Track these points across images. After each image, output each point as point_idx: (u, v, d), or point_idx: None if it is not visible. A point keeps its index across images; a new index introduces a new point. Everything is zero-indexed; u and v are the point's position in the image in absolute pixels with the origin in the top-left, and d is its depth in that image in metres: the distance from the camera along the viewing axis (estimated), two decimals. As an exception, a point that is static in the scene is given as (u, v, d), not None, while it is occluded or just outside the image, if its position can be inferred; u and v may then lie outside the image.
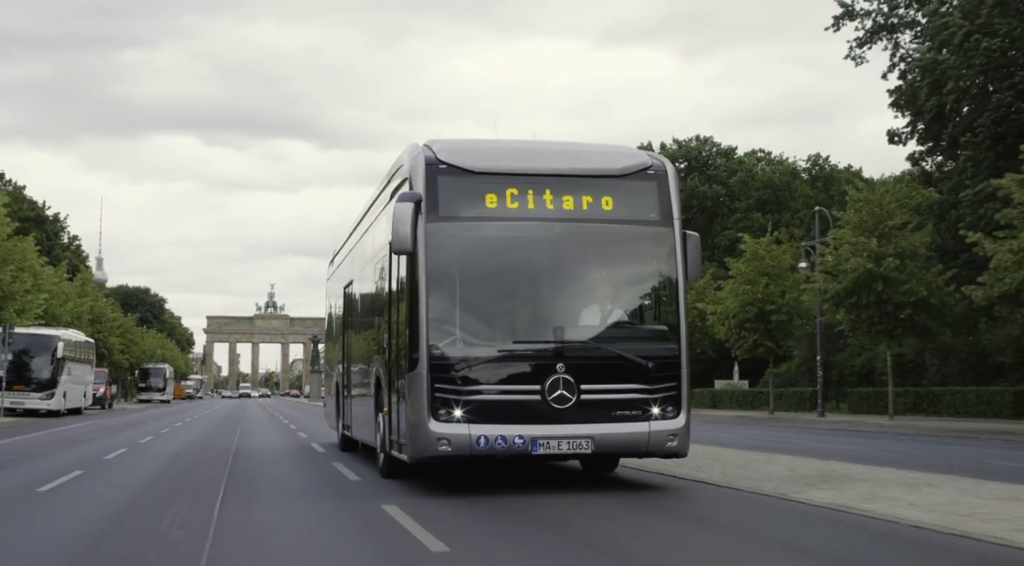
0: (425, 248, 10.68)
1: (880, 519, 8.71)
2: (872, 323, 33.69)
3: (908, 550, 7.61)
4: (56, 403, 38.81)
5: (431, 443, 10.49)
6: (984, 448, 20.98)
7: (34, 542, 8.29)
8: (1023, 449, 20.86)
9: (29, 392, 37.83)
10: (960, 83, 34.96)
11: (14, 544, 8.26)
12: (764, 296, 41.29)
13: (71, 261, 67.58)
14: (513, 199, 11.06)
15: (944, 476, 12.38)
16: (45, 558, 7.62)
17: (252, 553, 7.74)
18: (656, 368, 11.00)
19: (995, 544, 7.49)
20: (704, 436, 20.18)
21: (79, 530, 8.94)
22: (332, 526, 9.07)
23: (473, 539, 8.21)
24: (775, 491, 10.76)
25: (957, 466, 14.70)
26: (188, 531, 8.49)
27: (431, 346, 10.57)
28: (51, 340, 39.19)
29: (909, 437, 25.58)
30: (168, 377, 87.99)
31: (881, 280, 32.63)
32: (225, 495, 11.17)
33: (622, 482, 12.32)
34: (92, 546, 8.05)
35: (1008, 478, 12.29)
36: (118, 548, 7.95)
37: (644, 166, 11.59)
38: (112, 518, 9.68)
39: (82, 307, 54.90)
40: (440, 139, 11.71)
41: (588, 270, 11.72)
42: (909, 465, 14.18)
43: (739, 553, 7.60)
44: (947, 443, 22.85)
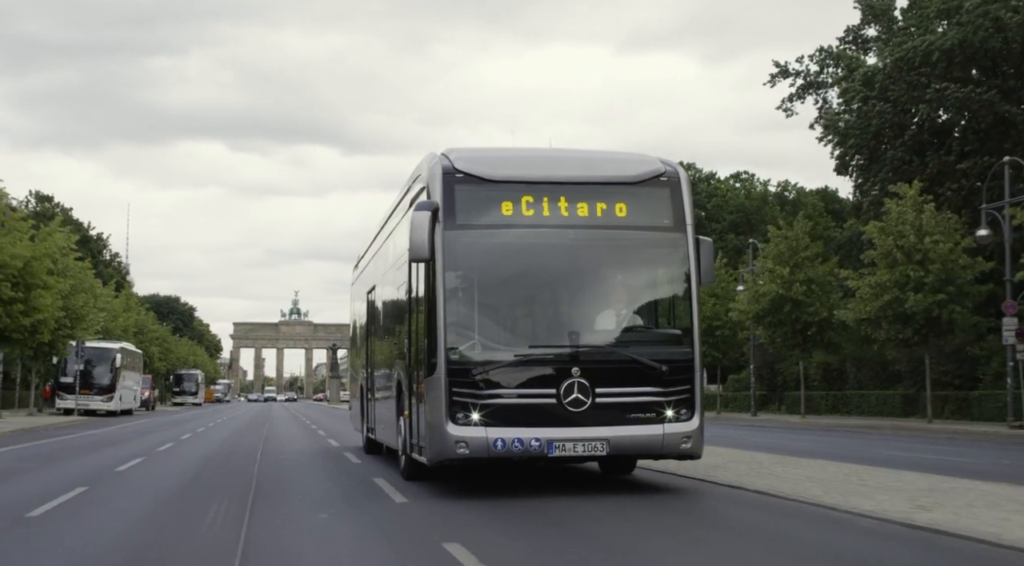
0: (442, 256, 10.92)
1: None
2: (786, 338, 40.98)
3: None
4: (114, 405, 46.48)
5: (449, 446, 10.69)
6: (844, 438, 27.01)
7: (136, 496, 12.14)
8: (864, 439, 27.57)
9: (92, 395, 45.45)
10: (857, 140, 42.17)
11: (123, 504, 11.41)
12: (711, 313, 48.48)
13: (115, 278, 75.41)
14: (529, 207, 11.22)
15: (789, 457, 16.55)
16: (166, 485, 13.32)
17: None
18: (670, 371, 11.15)
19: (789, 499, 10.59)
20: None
21: (153, 498, 11.81)
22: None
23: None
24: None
25: (805, 450, 19.68)
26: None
27: (449, 351, 10.77)
28: (111, 352, 46.91)
29: (801, 431, 32.13)
30: (200, 382, 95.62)
31: (791, 303, 39.91)
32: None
33: (641, 484, 12.66)
34: (170, 498, 11.61)
35: (832, 458, 16.43)
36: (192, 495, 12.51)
37: (657, 173, 11.76)
38: (173, 491, 12.65)
39: (128, 321, 62.69)
40: (457, 148, 11.87)
41: (603, 275, 11.93)
42: (779, 451, 18.47)
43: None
44: (822, 434, 29.20)
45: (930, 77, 39.75)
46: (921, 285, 32.39)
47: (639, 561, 7.52)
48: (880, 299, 33.36)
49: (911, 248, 32.94)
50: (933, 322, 32.72)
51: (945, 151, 41.06)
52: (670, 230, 11.57)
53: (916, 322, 32.83)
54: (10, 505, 10.85)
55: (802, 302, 39.81)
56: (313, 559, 7.83)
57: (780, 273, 40.24)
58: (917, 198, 33.89)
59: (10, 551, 8.24)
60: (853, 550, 7.97)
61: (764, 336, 42.12)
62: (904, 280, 32.70)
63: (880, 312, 33.58)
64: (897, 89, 40.93)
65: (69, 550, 8.29)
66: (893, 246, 33.32)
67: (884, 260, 33.68)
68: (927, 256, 32.55)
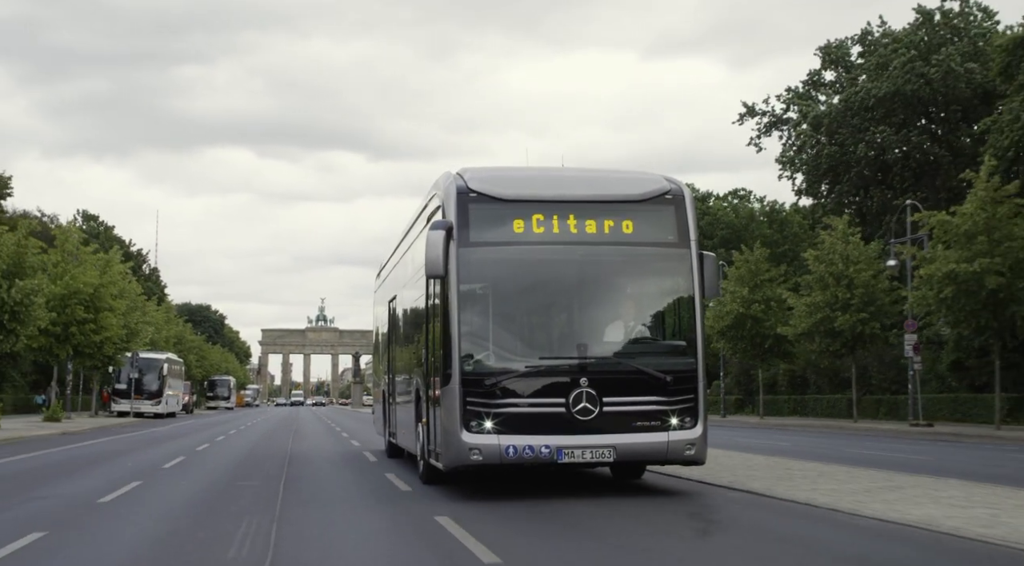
0: (457, 271, 11.38)
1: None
2: (746, 351, 46.99)
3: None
4: (161, 408, 53.01)
5: (463, 452, 11.16)
6: (779, 433, 32.80)
7: (182, 484, 14.94)
8: (795, 435, 33.30)
9: (143, 400, 52.01)
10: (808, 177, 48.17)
11: (170, 493, 13.26)
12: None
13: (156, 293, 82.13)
14: (539, 224, 11.66)
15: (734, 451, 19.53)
16: (208, 478, 19.11)
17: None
18: (674, 381, 11.55)
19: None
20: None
21: (194, 488, 13.82)
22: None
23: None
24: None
25: (749, 445, 23.87)
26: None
27: (463, 362, 11.23)
28: (159, 361, 53.50)
29: (753, 429, 37.72)
30: (232, 387, 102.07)
31: (751, 320, 45.87)
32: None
33: (649, 488, 13.16)
34: (207, 495, 12.75)
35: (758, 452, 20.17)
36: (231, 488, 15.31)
37: (663, 191, 12.14)
38: (211, 484, 14.38)
39: (170, 332, 69.36)
40: (472, 168, 12.42)
41: (610, 290, 12.37)
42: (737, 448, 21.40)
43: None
44: (766, 432, 34.81)
45: (870, 121, 45.67)
46: (847, 305, 38.31)
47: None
48: (814, 317, 39.31)
49: (839, 274, 38.89)
50: (858, 337, 38.65)
51: (886, 186, 46.94)
52: (675, 246, 12.00)
53: (844, 337, 38.75)
54: (86, 493, 13.06)
55: (760, 319, 45.75)
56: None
57: (741, 293, 46.21)
58: (846, 230, 39.85)
59: (94, 527, 10.14)
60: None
61: (727, 349, 48.12)
62: (834, 301, 38.64)
63: (813, 328, 39.55)
64: (843, 132, 46.87)
65: (137, 524, 10.39)
66: (825, 272, 39.28)
67: (818, 283, 39.65)
68: (852, 281, 38.48)
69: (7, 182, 66.70)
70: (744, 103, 54.31)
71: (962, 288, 29.88)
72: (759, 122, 54.01)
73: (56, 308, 36.71)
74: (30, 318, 31.17)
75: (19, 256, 30.99)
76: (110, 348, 41.80)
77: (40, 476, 15.87)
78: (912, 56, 43.60)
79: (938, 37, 44.84)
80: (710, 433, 12.09)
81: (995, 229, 30.16)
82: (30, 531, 9.28)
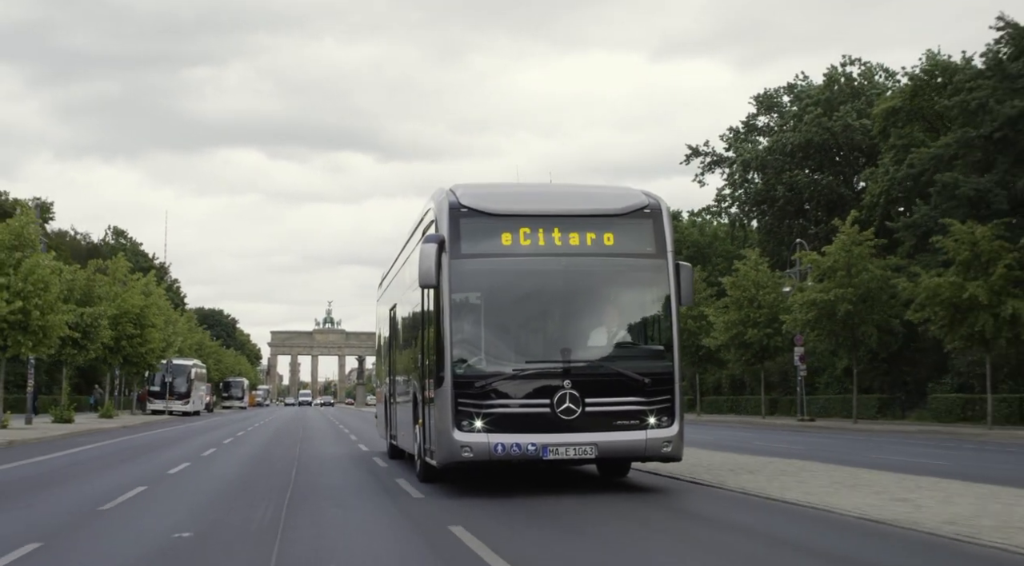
0: (448, 282, 12.17)
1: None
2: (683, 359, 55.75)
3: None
4: (190, 407, 61.74)
5: (456, 450, 11.96)
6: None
7: (211, 475, 18.04)
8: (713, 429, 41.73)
9: (174, 400, 60.75)
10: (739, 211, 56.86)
11: (200, 482, 16.14)
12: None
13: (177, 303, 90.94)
14: (526, 237, 12.43)
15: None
16: (235, 466, 25.94)
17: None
18: (652, 383, 12.27)
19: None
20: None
21: (223, 478, 15.83)
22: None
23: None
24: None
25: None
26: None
27: (454, 366, 12.03)
28: (187, 367, 62.31)
29: (691, 425, 46.20)
30: (245, 388, 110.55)
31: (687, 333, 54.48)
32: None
33: (634, 485, 13.73)
34: (233, 480, 15.72)
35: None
36: (257, 473, 20.38)
37: (642, 205, 12.86)
38: (239, 473, 16.84)
39: (192, 339, 78.18)
40: (463, 184, 13.20)
41: (592, 298, 13.02)
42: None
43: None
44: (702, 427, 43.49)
45: (789, 164, 54.35)
46: (756, 323, 46.88)
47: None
48: (730, 331, 47.91)
49: (752, 297, 47.50)
50: (764, 348, 47.24)
51: (804, 219, 55.57)
52: (653, 257, 12.62)
53: (754, 348, 47.32)
54: (155, 469, 17.42)
55: (695, 332, 54.33)
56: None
57: (682, 311, 54.81)
58: (757, 260, 48.46)
59: (162, 495, 13.08)
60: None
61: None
62: (746, 319, 47.20)
63: (730, 341, 48.16)
64: (768, 172, 55.56)
65: (194, 491, 13.70)
66: (740, 295, 47.87)
67: (734, 304, 48.26)
68: (760, 303, 47.07)
69: (49, 207, 75.77)
70: (688, 145, 62.97)
71: (822, 312, 38.50)
72: (703, 161, 62.64)
73: (111, 326, 45.42)
74: (97, 336, 39.96)
75: (89, 288, 39.76)
76: (152, 357, 50.56)
77: (134, 451, 23.83)
78: (819, 113, 52.26)
79: (841, 95, 53.58)
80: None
81: (852, 266, 38.75)
82: (136, 486, 14.01)
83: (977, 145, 34.96)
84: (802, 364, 43.95)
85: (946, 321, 32.22)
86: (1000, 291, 31.04)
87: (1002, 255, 31.29)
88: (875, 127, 46.33)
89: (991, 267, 31.28)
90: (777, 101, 61.43)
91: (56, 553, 8.79)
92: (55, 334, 31.84)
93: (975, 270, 31.59)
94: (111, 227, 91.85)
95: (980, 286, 30.92)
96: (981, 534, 8.98)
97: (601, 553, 8.58)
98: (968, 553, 8.38)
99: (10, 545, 8.83)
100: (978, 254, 31.59)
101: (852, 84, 54.16)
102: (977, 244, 31.58)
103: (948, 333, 32.62)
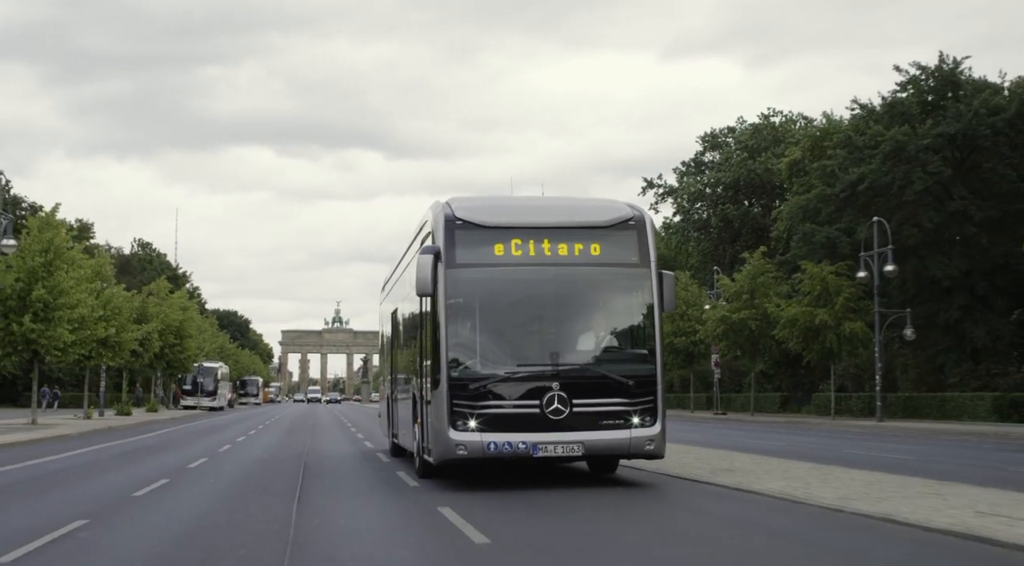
0: (444, 290, 12.92)
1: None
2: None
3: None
4: (216, 404, 72.14)
5: (451, 448, 12.72)
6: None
7: (238, 460, 21.06)
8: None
9: (203, 397, 71.15)
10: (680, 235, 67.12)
11: (225, 466, 19.79)
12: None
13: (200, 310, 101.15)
14: (517, 248, 13.12)
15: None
16: (256, 454, 31.84)
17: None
18: (636, 385, 12.98)
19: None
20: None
21: (247, 461, 19.71)
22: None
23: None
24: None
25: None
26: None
27: (450, 369, 12.77)
28: (215, 369, 72.90)
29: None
30: (259, 386, 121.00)
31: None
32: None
33: (621, 480, 14.68)
34: (254, 467, 18.98)
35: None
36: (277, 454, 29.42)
37: (626, 218, 13.65)
38: (259, 459, 20.48)
39: (215, 343, 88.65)
40: (459, 197, 14.09)
41: (579, 305, 13.86)
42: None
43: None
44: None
45: (722, 198, 64.56)
46: (685, 333, 57.00)
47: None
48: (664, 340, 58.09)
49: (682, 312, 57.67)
50: (691, 354, 57.34)
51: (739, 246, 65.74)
52: (637, 266, 13.40)
53: (682, 354, 57.34)
54: (210, 448, 23.33)
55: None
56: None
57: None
58: (688, 282, 58.56)
59: (219, 465, 17.40)
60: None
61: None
62: (677, 329, 57.31)
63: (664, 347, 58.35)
64: (704, 204, 65.77)
65: (219, 476, 16.47)
66: (674, 311, 58.08)
67: (667, 317, 58.41)
68: (688, 316, 57.20)
69: (89, 228, 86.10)
70: (645, 178, 73.03)
71: (731, 328, 48.67)
72: (657, 192, 72.86)
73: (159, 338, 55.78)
74: (150, 347, 50.32)
75: (144, 308, 50.14)
76: (188, 362, 61.00)
77: (193, 435, 33.10)
78: (745, 157, 62.44)
79: (764, 141, 63.78)
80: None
81: (756, 291, 48.89)
82: (201, 456, 20.82)
83: (832, 201, 45.07)
84: (717, 368, 54.12)
85: (801, 339, 42.49)
86: (841, 316, 41.26)
87: (842, 289, 41.53)
88: (782, 174, 56.45)
89: (835, 298, 41.50)
90: (721, 140, 71.50)
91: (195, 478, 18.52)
92: (128, 348, 42.22)
93: (823, 299, 41.82)
94: (137, 239, 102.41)
95: (827, 312, 41.19)
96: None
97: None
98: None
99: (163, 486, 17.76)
100: (826, 287, 41.81)
101: (775, 132, 64.37)
102: (825, 280, 41.82)
103: (805, 348, 42.90)
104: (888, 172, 42.02)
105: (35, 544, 9.28)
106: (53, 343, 32.58)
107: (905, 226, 41.50)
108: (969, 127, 41.38)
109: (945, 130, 41.84)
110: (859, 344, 41.74)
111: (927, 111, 44.33)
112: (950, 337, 43.25)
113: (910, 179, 41.55)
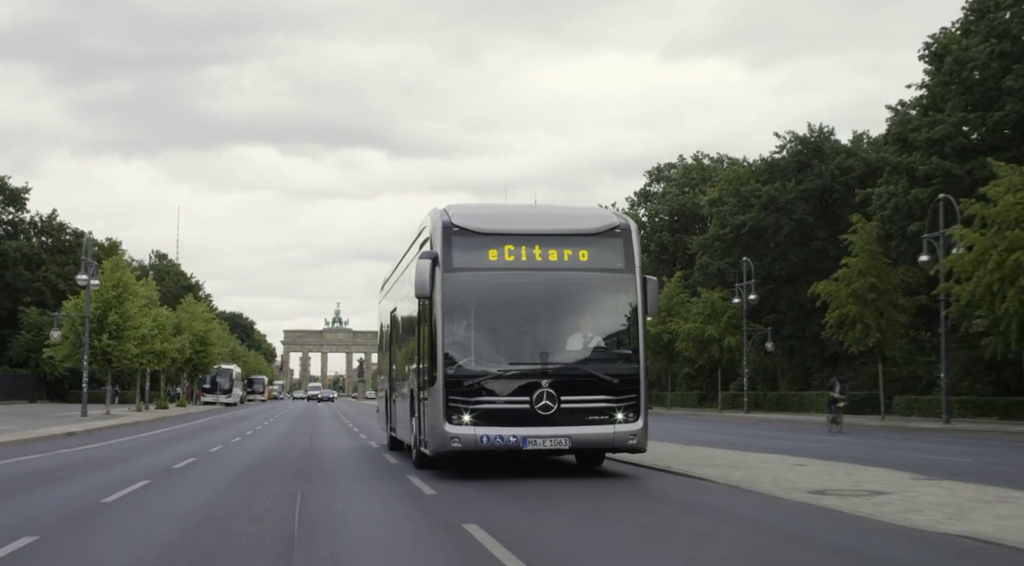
0: (441, 292, 13.66)
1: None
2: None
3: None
4: (231, 400, 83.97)
5: (446, 441, 13.47)
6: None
7: (246, 451, 28.74)
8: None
9: (220, 395, 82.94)
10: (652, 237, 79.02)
11: (243, 452, 28.72)
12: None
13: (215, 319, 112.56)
14: (510, 253, 13.89)
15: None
16: (266, 444, 44.40)
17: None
18: (620, 383, 13.73)
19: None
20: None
21: (255, 455, 20.99)
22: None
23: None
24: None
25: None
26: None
27: (446, 367, 13.52)
28: (231, 370, 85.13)
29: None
30: (264, 384, 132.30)
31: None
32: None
33: (606, 472, 15.70)
34: (264, 455, 21.69)
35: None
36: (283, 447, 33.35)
37: (613, 226, 14.40)
38: (267, 449, 23.33)
39: (227, 347, 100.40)
40: (456, 204, 14.88)
41: (568, 308, 14.43)
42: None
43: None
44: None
45: (661, 228, 76.44)
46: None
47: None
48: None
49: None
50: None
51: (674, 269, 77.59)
52: (622, 271, 14.16)
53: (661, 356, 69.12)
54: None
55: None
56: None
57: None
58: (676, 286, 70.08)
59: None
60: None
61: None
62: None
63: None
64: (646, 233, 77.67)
65: (235, 460, 19.31)
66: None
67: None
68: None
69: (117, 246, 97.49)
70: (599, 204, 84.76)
71: (692, 337, 60.20)
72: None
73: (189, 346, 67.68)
74: (184, 353, 62.21)
75: (179, 322, 62.07)
76: (211, 365, 72.97)
77: (221, 423, 44.39)
78: (677, 192, 74.35)
79: (693, 180, 75.68)
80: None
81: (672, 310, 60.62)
82: (234, 438, 32.87)
83: (724, 239, 57.11)
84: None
85: (693, 349, 54.50)
86: (724, 331, 53.27)
87: (726, 310, 53.52)
88: (705, 208, 68.31)
89: (721, 317, 53.47)
90: (665, 173, 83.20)
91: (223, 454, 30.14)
92: (170, 356, 54.09)
93: (712, 318, 53.78)
94: (154, 251, 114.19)
95: (715, 328, 53.20)
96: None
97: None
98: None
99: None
100: (715, 309, 53.80)
101: (703, 172, 76.29)
102: (713, 303, 53.82)
103: (697, 356, 54.91)
104: (764, 218, 54.01)
105: (134, 486, 13.75)
106: (124, 354, 44.53)
107: (778, 261, 53.70)
108: (827, 184, 53.53)
109: (808, 186, 53.98)
110: (736, 353, 53.64)
111: (799, 168, 56.17)
112: (815, 347, 54.96)
113: (780, 224, 53.54)
